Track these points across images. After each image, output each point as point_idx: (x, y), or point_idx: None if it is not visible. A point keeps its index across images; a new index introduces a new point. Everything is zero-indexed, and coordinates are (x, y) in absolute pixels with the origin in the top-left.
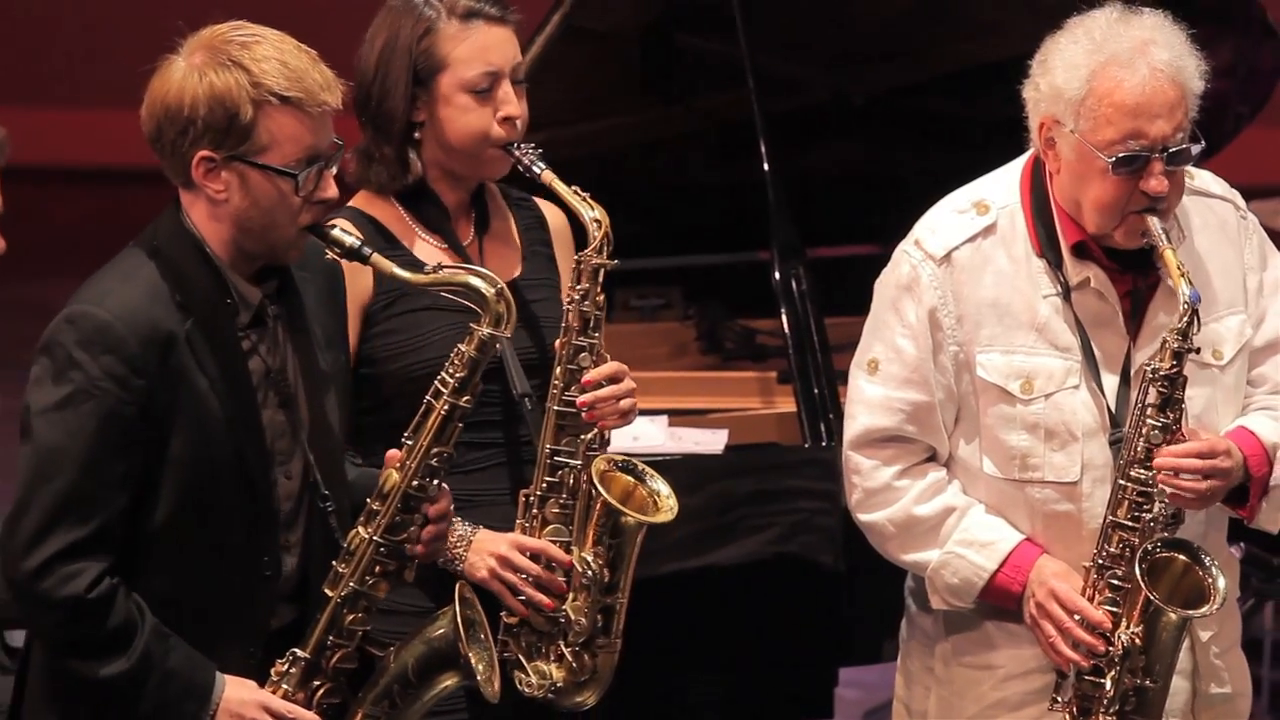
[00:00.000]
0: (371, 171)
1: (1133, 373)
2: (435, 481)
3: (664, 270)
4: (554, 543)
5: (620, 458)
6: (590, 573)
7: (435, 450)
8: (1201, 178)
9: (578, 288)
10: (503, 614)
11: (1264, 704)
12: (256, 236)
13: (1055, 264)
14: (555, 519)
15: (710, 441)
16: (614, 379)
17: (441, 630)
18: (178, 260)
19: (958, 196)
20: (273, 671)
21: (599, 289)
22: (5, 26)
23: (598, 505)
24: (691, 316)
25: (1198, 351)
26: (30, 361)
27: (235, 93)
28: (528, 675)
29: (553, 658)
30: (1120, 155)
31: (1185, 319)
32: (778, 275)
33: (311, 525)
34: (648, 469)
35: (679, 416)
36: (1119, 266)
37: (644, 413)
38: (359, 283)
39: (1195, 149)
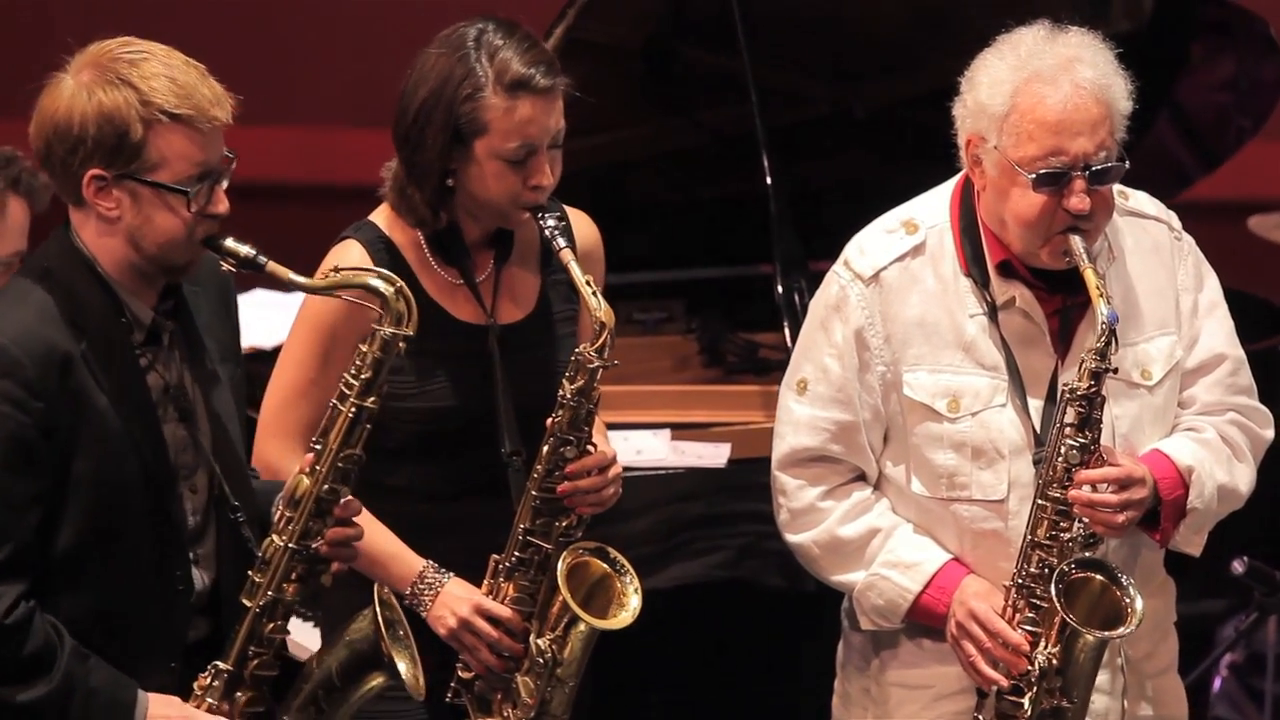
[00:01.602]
0: (401, 203)
1: (1059, 390)
2: (347, 486)
3: (666, 284)
4: (516, 610)
5: (595, 545)
6: (544, 658)
7: (345, 454)
8: (1136, 198)
9: (574, 385)
10: (458, 665)
11: (1268, 719)
12: (150, 254)
13: (982, 283)
14: (521, 590)
15: (713, 455)
16: (600, 469)
17: (363, 632)
18: (69, 281)
19: (889, 216)
20: (196, 685)
21: (595, 387)
22: None
23: (558, 599)
24: (694, 330)
25: (1114, 371)
26: None
27: (125, 111)
28: None
29: (501, 716)
30: (1041, 172)
31: (1103, 339)
32: (780, 289)
33: (221, 537)
34: (622, 560)
35: (681, 430)
36: (1047, 286)
37: (646, 426)
38: (370, 313)
39: (1120, 168)
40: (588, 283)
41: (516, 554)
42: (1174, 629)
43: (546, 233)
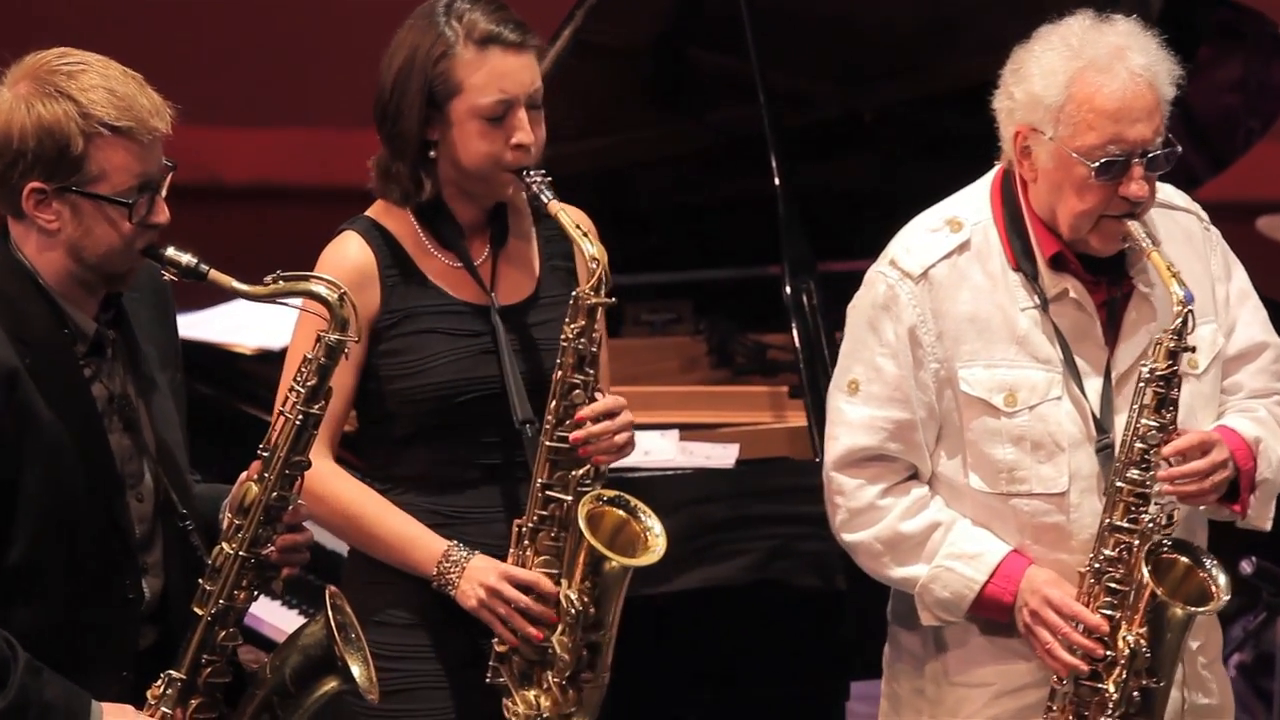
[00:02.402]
0: (387, 186)
1: (1114, 381)
2: (295, 492)
3: (675, 285)
4: (544, 574)
5: (612, 493)
6: (575, 610)
7: (293, 460)
8: (1164, 190)
9: (573, 325)
10: (494, 641)
11: (1276, 719)
12: (90, 265)
13: (1032, 276)
14: (546, 551)
15: (721, 456)
16: (610, 414)
17: (315, 636)
18: (11, 294)
19: (929, 215)
20: (149, 694)
21: (595, 326)
22: None
23: (583, 545)
24: (702, 331)
25: (1193, 350)
26: None
27: (64, 124)
28: (515, 704)
29: (542, 687)
30: (1102, 160)
31: (1180, 318)
32: (788, 290)
33: (169, 545)
34: (640, 505)
35: (690, 431)
36: (1093, 277)
37: (655, 427)
38: (366, 299)
39: (1174, 153)
40: (577, 226)
41: (538, 512)
42: (1219, 620)
43: (534, 188)
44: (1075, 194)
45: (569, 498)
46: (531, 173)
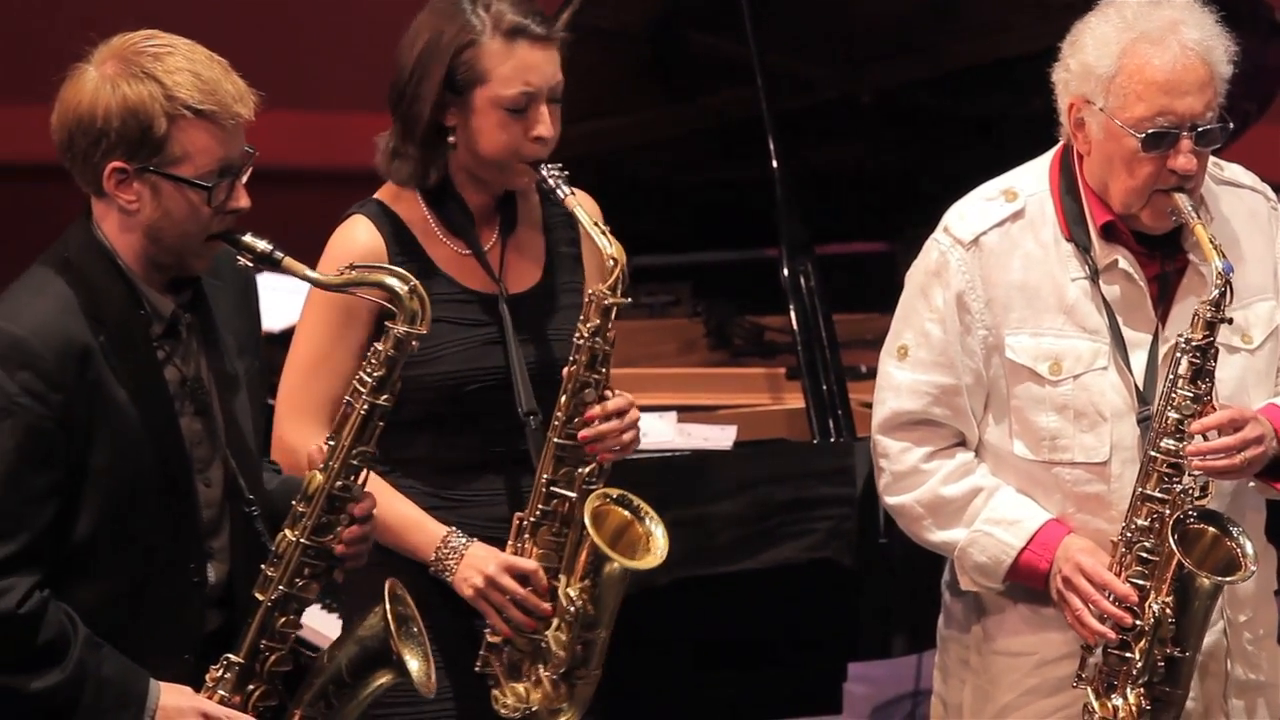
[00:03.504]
0: (394, 166)
1: (1160, 354)
2: (359, 481)
3: (673, 267)
4: (543, 568)
5: (617, 493)
6: (574, 608)
7: (357, 450)
8: (1231, 169)
9: (588, 324)
10: (486, 630)
11: None
12: (167, 247)
13: (1084, 247)
14: (546, 546)
15: (719, 437)
16: (619, 414)
17: (373, 629)
18: (89, 272)
19: (988, 186)
20: (208, 677)
21: (610, 326)
22: None
23: (586, 544)
24: (700, 313)
25: (1230, 322)
26: None
27: (149, 105)
28: (504, 696)
29: (532, 680)
30: (1150, 132)
31: (1218, 289)
32: (786, 272)
33: (235, 530)
34: (644, 506)
35: (688, 413)
36: (1146, 250)
37: (653, 409)
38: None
39: (1225, 129)
40: (596, 223)
41: (540, 507)
42: (1275, 597)
43: (551, 181)
44: (1125, 167)
45: (574, 494)
46: (548, 166)
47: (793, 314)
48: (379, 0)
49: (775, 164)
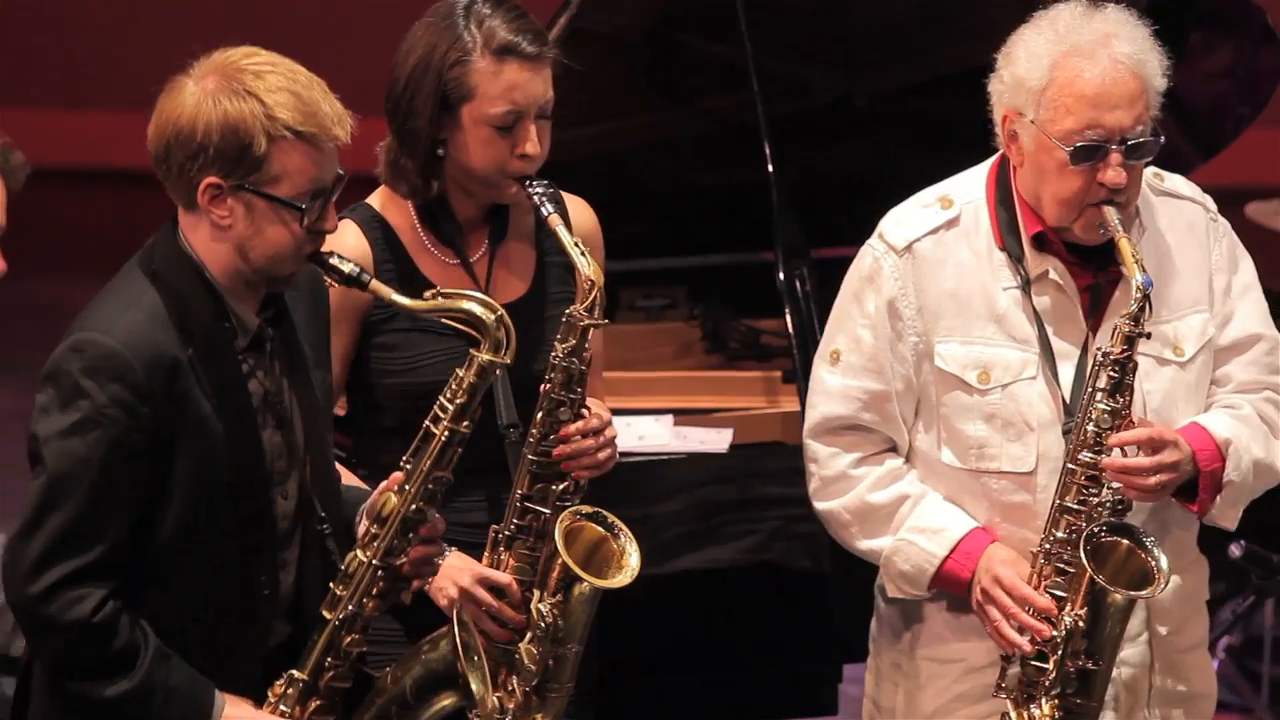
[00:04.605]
0: (396, 178)
1: (1089, 365)
2: (433, 507)
3: (669, 270)
4: (517, 580)
5: (590, 509)
6: (545, 623)
7: (435, 475)
8: (1172, 180)
9: (564, 344)
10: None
11: (1264, 701)
12: (257, 265)
13: (1016, 256)
14: (521, 560)
15: (715, 440)
16: (595, 432)
17: (440, 652)
18: (178, 285)
19: (925, 192)
20: (270, 693)
21: (587, 347)
22: (9, 28)
23: (558, 562)
24: (696, 316)
25: (1148, 336)
26: (35, 362)
27: (250, 123)
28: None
29: (506, 690)
30: (1079, 145)
31: (1138, 304)
32: (782, 275)
33: (306, 544)
34: (618, 523)
35: (684, 416)
36: (1079, 260)
37: (649, 412)
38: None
39: (1155, 143)
40: (576, 244)
41: (515, 522)
42: (1205, 607)
43: (535, 199)
44: (1055, 180)
45: (547, 511)
46: (534, 183)
47: (789, 317)
48: (375, 3)
49: (771, 168)
